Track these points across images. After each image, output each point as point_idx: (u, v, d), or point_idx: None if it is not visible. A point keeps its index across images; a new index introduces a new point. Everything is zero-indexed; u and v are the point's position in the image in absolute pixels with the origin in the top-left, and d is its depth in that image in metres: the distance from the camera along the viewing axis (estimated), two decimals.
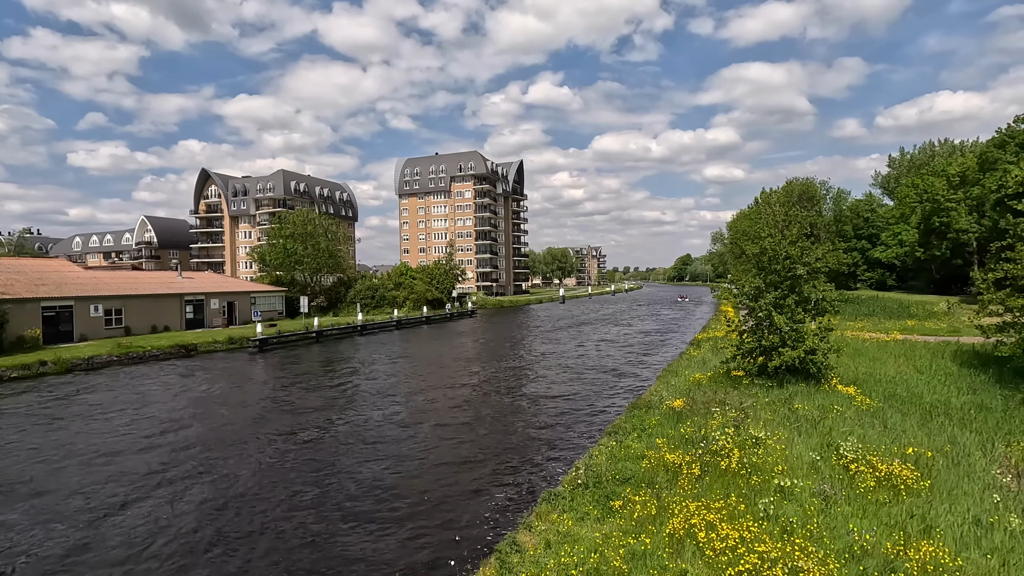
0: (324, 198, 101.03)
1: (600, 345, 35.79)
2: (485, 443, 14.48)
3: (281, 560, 8.45)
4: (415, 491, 11.17)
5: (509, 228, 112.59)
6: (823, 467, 9.10)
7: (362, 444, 14.60)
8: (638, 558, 6.64)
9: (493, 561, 7.07)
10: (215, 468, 12.75)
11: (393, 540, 9.08)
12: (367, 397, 20.83)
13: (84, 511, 10.36)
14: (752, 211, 53.56)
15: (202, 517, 10.05)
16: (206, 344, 35.22)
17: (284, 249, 58.32)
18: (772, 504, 7.68)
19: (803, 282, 15.79)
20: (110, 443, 14.85)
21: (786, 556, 6.10)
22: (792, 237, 16.12)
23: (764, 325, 15.60)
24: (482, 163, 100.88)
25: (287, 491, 11.29)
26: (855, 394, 13.82)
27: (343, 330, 45.22)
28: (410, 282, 65.59)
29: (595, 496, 8.75)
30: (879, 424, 11.49)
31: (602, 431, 13.89)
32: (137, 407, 19.26)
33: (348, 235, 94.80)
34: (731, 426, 11.15)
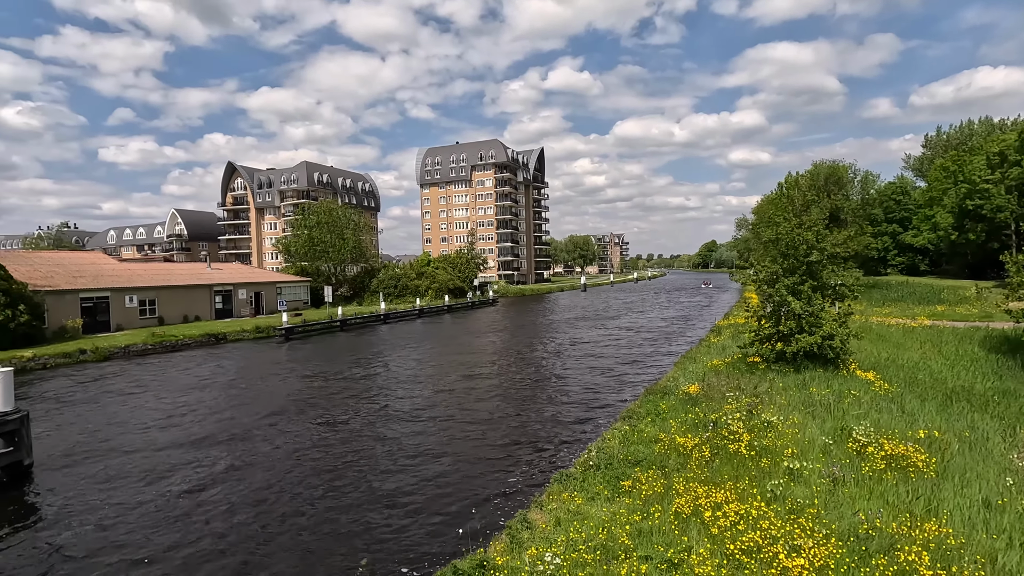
0: (347, 189, 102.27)
1: (620, 332, 35.80)
2: (503, 427, 14.80)
3: (308, 524, 8.89)
4: (434, 469, 11.55)
5: (530, 216, 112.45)
6: (835, 450, 9.14)
7: (385, 426, 15.06)
8: (644, 534, 6.84)
9: (504, 536, 7.36)
10: (251, 443, 13.34)
11: (410, 514, 9.46)
12: (390, 383, 21.35)
13: (145, 473, 11.00)
14: (776, 196, 52.50)
15: (241, 484, 10.59)
16: (235, 333, 36.34)
17: (309, 240, 59.47)
18: (780, 486, 7.78)
19: (820, 267, 15.62)
20: (157, 422, 15.60)
21: (787, 535, 6.24)
22: (809, 222, 15.91)
23: (781, 311, 15.51)
24: (502, 151, 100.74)
25: (313, 466, 11.78)
26: (874, 379, 13.71)
27: (366, 319, 46.06)
28: (432, 271, 66.28)
29: (606, 477, 8.96)
30: (896, 409, 11.42)
31: (617, 416, 14.06)
32: (174, 392, 20.11)
33: (371, 225, 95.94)
34: (744, 410, 11.22)
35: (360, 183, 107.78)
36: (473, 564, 6.20)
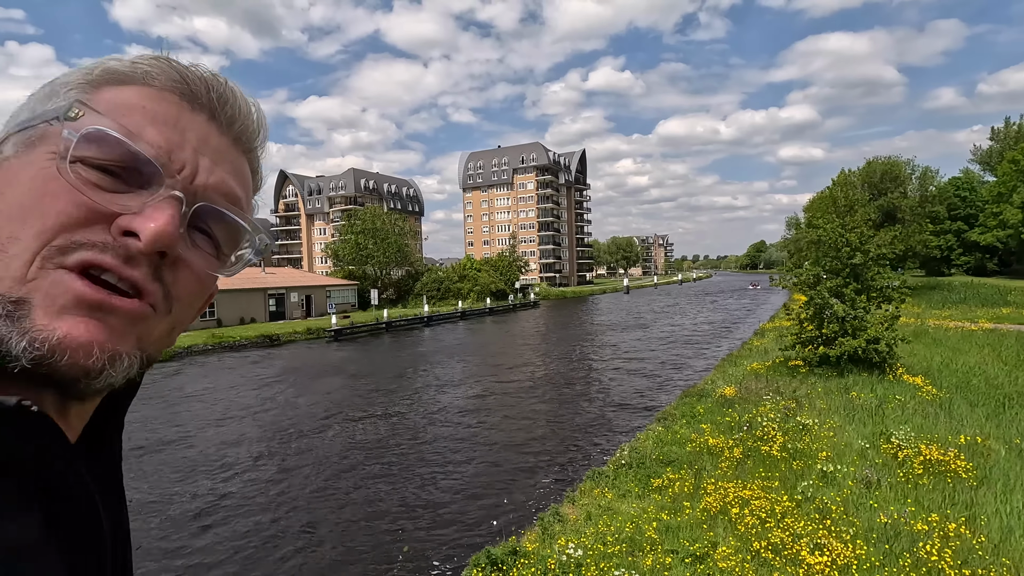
0: (392, 194, 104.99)
1: (662, 335, 35.53)
2: (541, 426, 15.19)
3: (355, 511, 9.57)
4: (473, 466, 12.07)
5: (572, 218, 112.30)
6: (871, 454, 9.08)
7: (428, 424, 15.72)
8: (671, 530, 7.10)
9: (536, 528, 7.76)
10: (305, 436, 14.26)
11: (449, 506, 10.00)
12: (432, 383, 22.09)
13: (221, 462, 12.03)
14: (828, 194, 50.66)
15: (295, 471, 11.44)
16: (287, 334, 38.14)
17: (356, 244, 61.54)
18: (811, 487, 7.86)
19: (865, 269, 15.25)
20: (217, 418, 16.83)
21: (812, 534, 6.37)
22: (852, 223, 15.55)
23: (824, 313, 15.24)
24: (544, 154, 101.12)
25: (361, 459, 12.53)
26: (921, 384, 13.33)
27: (410, 321, 47.33)
28: (474, 274, 67.29)
29: (637, 475, 9.21)
30: (942, 414, 11.14)
31: (653, 417, 14.21)
32: (232, 390, 21.49)
33: (415, 230, 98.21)
34: (780, 413, 11.21)
35: (404, 188, 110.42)
36: (506, 551, 6.63)
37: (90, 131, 0.43)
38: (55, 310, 0.40)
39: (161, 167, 0.45)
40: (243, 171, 0.54)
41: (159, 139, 0.46)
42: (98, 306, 0.42)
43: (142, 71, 0.48)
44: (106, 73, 0.48)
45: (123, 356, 0.43)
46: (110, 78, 0.48)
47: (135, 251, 0.43)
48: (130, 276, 0.43)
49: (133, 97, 0.47)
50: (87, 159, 0.43)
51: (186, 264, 0.47)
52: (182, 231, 0.46)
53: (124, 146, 0.43)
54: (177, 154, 0.46)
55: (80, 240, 0.41)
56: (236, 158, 0.53)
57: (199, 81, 0.50)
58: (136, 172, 0.45)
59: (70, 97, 0.45)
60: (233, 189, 0.51)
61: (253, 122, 0.55)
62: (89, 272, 0.42)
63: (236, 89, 0.53)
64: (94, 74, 0.48)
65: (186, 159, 0.47)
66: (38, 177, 0.42)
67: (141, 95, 0.47)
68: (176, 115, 0.48)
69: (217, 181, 0.49)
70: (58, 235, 0.41)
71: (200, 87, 0.50)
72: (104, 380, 0.43)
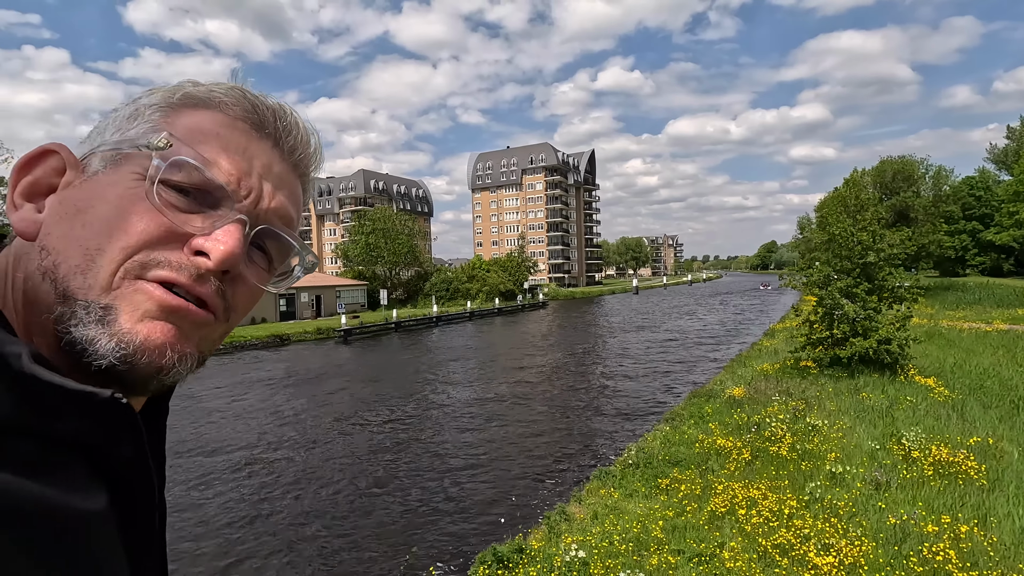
0: (401, 195, 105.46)
1: (670, 335, 35.39)
2: (548, 426, 15.20)
3: (363, 508, 9.64)
4: (480, 465, 12.11)
5: (581, 218, 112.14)
6: (881, 455, 9.01)
7: (436, 423, 15.79)
8: (678, 530, 7.09)
9: (543, 526, 7.78)
10: (315, 436, 14.39)
11: (456, 505, 10.04)
12: (441, 383, 22.17)
13: (226, 463, 12.18)
14: (839, 193, 50.18)
15: (304, 472, 11.55)
16: (298, 334, 38.43)
17: (366, 245, 61.89)
18: (819, 488, 7.81)
19: (876, 269, 15.11)
20: (234, 416, 17.02)
21: (820, 534, 6.34)
22: (864, 223, 15.41)
23: (834, 314, 15.12)
24: (553, 154, 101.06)
25: (369, 458, 12.62)
26: (934, 385, 13.19)
27: (420, 321, 47.51)
28: (483, 274, 67.42)
29: (644, 475, 9.21)
30: (955, 416, 11.02)
31: (661, 418, 14.18)
32: (242, 390, 21.71)
33: (424, 230, 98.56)
34: (789, 414, 11.14)
35: (414, 189, 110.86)
36: (512, 548, 6.66)
37: (175, 160, 0.48)
38: (138, 316, 0.46)
39: (231, 192, 0.51)
40: (298, 194, 0.59)
41: (230, 167, 0.51)
42: (174, 311, 0.47)
43: (218, 99, 0.53)
44: (186, 98, 0.53)
45: (188, 356, 0.49)
46: (189, 102, 0.53)
47: (204, 270, 0.48)
48: (199, 293, 0.49)
49: (208, 123, 0.52)
50: (168, 181, 0.48)
51: (244, 280, 0.53)
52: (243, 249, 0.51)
53: (201, 173, 0.49)
54: (245, 181, 0.52)
55: (158, 258, 0.47)
56: (293, 183, 0.58)
57: (267, 111, 0.55)
58: (208, 194, 0.50)
59: (153, 120, 0.51)
60: (290, 212, 0.57)
61: (311, 150, 0.60)
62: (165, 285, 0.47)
63: (299, 119, 0.58)
64: (175, 98, 0.52)
65: (252, 185, 0.52)
66: (125, 196, 0.47)
67: (216, 122, 0.52)
68: (245, 143, 0.53)
69: (277, 205, 0.55)
70: (140, 251, 0.46)
71: (268, 116, 0.55)
72: (173, 377, 0.49)
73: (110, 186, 0.48)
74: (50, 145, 0.51)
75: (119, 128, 0.51)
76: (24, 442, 0.39)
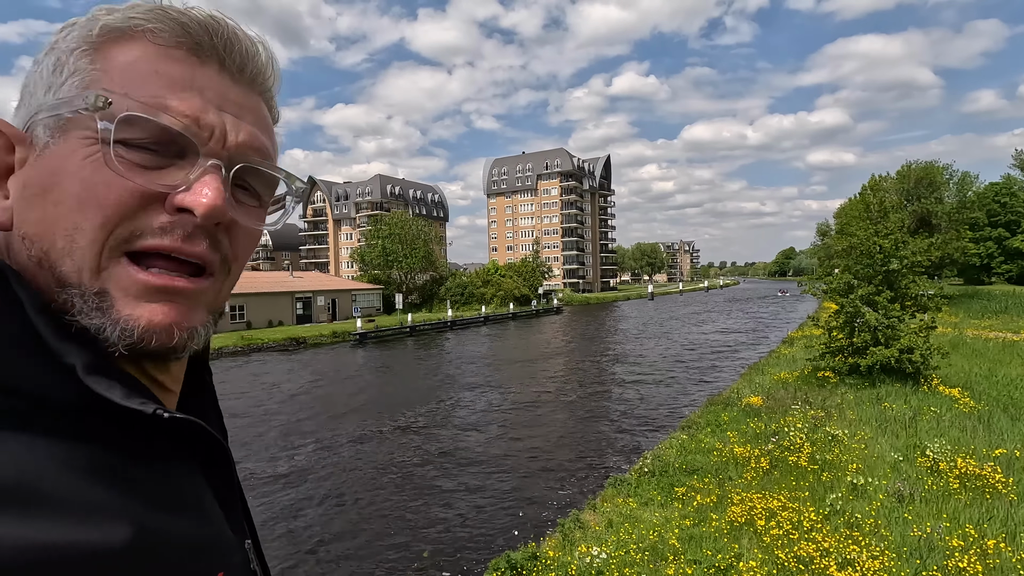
0: (417, 200, 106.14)
1: (687, 342, 35.05)
2: (562, 433, 15.12)
3: (376, 515, 9.66)
4: (493, 472, 12.07)
5: (596, 224, 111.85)
6: (904, 467, 8.80)
7: (450, 428, 15.79)
8: (695, 540, 6.98)
9: (557, 534, 7.72)
10: (329, 440, 14.49)
11: (468, 510, 10.01)
12: (455, 388, 22.19)
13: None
14: (861, 199, 49.38)
15: (317, 476, 11.62)
16: (314, 337, 38.80)
17: (382, 249, 62.37)
18: (840, 500, 7.66)
19: (899, 277, 14.80)
20: (248, 417, 17.22)
21: (840, 548, 6.20)
22: (886, 230, 15.12)
23: (855, 322, 14.84)
24: (568, 160, 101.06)
25: (382, 462, 12.66)
26: (959, 395, 12.87)
27: (434, 325, 47.69)
28: (498, 279, 67.51)
29: (660, 484, 9.10)
30: (981, 427, 10.73)
31: (677, 425, 14.02)
32: (261, 391, 21.95)
33: (439, 235, 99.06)
34: (808, 423, 10.95)
35: (429, 194, 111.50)
36: (526, 556, 6.61)
37: (122, 117, 0.43)
38: (132, 299, 0.44)
39: (193, 136, 0.46)
40: (264, 116, 0.54)
41: (183, 107, 0.46)
42: (165, 290, 0.45)
43: (141, 26, 0.46)
44: (106, 31, 0.46)
45: (197, 328, 0.48)
46: (111, 36, 0.46)
47: (192, 227, 0.46)
48: (193, 253, 0.46)
49: (140, 59, 0.46)
50: (125, 141, 0.44)
51: (237, 225, 0.50)
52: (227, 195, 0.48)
53: (154, 123, 0.44)
54: (204, 119, 0.47)
55: (141, 226, 0.44)
56: (255, 104, 0.53)
57: (200, 28, 0.48)
58: (170, 143, 0.46)
59: (81, 68, 0.46)
60: (262, 142, 0.52)
61: (262, 60, 0.53)
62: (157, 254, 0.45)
63: (238, 28, 0.51)
64: (94, 35, 0.46)
65: (213, 122, 0.47)
66: (86, 167, 0.44)
67: (148, 55, 0.46)
68: (189, 75, 0.47)
69: (246, 137, 0.50)
70: (120, 223, 0.44)
71: (203, 36, 0.48)
72: (188, 351, 0.49)
73: (66, 158, 0.44)
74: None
75: (49, 86, 0.46)
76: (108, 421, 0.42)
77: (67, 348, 0.42)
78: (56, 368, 0.41)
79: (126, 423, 0.43)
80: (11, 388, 0.39)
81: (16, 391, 0.39)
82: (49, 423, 0.39)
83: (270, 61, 0.54)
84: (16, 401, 0.39)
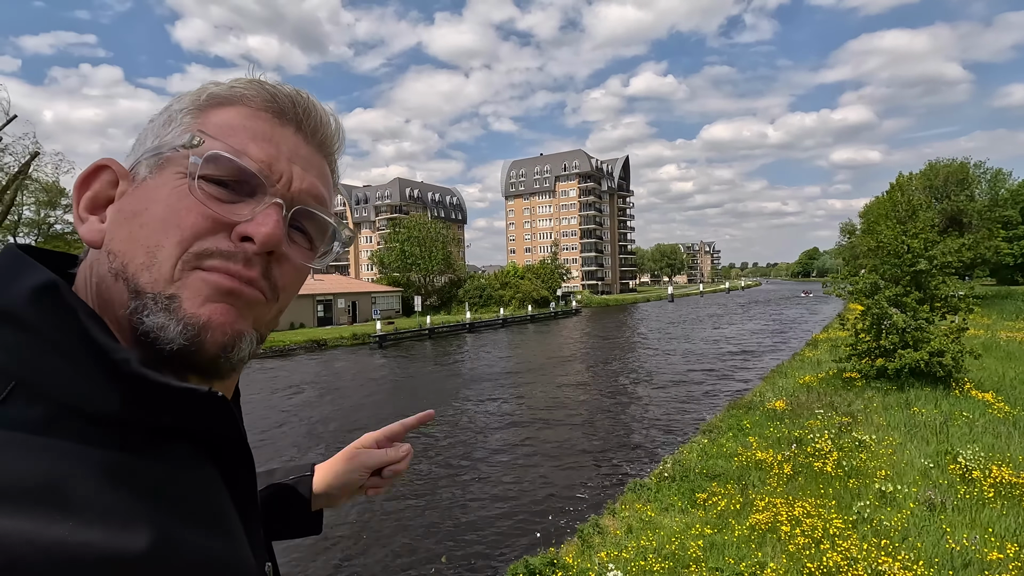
0: (435, 203, 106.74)
1: (708, 345, 34.58)
2: (582, 435, 15.01)
3: (395, 518, 9.69)
4: (512, 472, 12.04)
5: (615, 225, 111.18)
6: (935, 474, 8.52)
7: (470, 432, 15.79)
8: (717, 547, 6.84)
9: (576, 540, 7.64)
10: (350, 438, 14.58)
11: (488, 513, 9.98)
12: (473, 391, 22.20)
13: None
14: (886, 198, 48.22)
15: None
16: (334, 340, 39.21)
17: (401, 252, 62.83)
18: (868, 508, 7.44)
19: (928, 278, 14.36)
20: (270, 419, 17.47)
21: (870, 557, 6.01)
22: (915, 229, 14.69)
23: (882, 324, 14.45)
24: (586, 161, 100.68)
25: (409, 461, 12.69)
26: (992, 400, 12.44)
27: (453, 327, 47.84)
28: (516, 281, 67.49)
29: (680, 489, 8.95)
30: (1017, 433, 10.35)
31: (697, 429, 13.81)
32: (283, 394, 22.24)
33: (458, 237, 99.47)
34: (834, 428, 10.68)
35: (448, 197, 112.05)
36: (544, 561, 6.55)
37: (209, 155, 0.52)
38: (199, 300, 0.51)
39: (264, 178, 0.55)
40: (326, 174, 0.63)
41: (260, 154, 0.55)
42: (228, 293, 0.52)
43: (239, 93, 0.57)
44: (211, 98, 0.57)
45: (245, 334, 0.54)
46: (214, 102, 0.57)
47: (251, 253, 0.53)
48: (248, 276, 0.53)
49: (235, 118, 0.56)
50: (208, 176, 0.53)
51: (287, 259, 0.57)
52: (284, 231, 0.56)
53: (235, 163, 0.53)
54: (275, 166, 0.56)
55: (210, 248, 0.52)
56: (320, 163, 0.62)
57: (286, 98, 0.59)
58: (245, 183, 0.54)
59: (185, 123, 0.55)
60: (320, 191, 0.61)
61: (331, 129, 0.63)
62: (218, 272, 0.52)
63: (316, 102, 0.62)
64: (201, 99, 0.57)
65: (283, 170, 0.56)
66: (173, 195, 0.52)
67: (240, 115, 0.56)
68: (270, 131, 0.57)
69: (308, 186, 0.59)
70: (193, 243, 0.51)
71: (287, 103, 0.59)
72: (236, 355, 0.54)
73: (158, 188, 0.53)
74: (102, 161, 0.57)
75: (156, 135, 0.56)
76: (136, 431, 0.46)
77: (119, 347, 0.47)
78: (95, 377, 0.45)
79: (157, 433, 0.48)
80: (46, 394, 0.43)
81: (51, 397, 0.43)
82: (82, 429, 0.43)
83: (338, 130, 0.64)
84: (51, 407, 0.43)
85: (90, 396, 0.45)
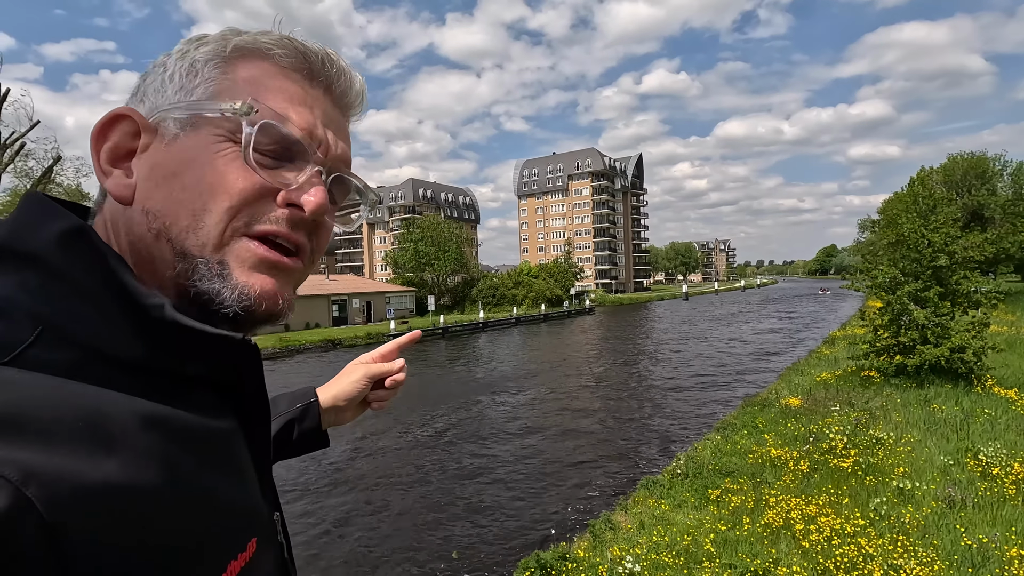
0: (448, 203, 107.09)
1: (724, 344, 34.27)
2: (595, 433, 14.97)
3: (409, 513, 9.76)
4: (525, 468, 12.06)
5: (628, 224, 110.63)
6: (955, 472, 8.36)
7: (483, 429, 15.84)
8: (730, 543, 6.79)
9: (588, 535, 7.64)
10: (363, 434, 14.74)
11: (497, 509, 10.00)
12: (487, 389, 22.26)
13: None
14: (906, 194, 47.34)
15: (353, 470, 11.83)
16: (349, 339, 39.56)
17: (415, 252, 63.17)
18: (885, 505, 7.33)
19: (950, 273, 14.07)
20: None
21: (886, 554, 5.92)
22: (936, 223, 14.40)
23: (902, 320, 14.20)
24: (599, 159, 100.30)
25: (417, 462, 12.78)
26: (1015, 397, 12.17)
27: (466, 327, 48.00)
28: (529, 281, 67.48)
29: (693, 486, 8.89)
30: None
31: (711, 426, 13.71)
32: None
33: (471, 237, 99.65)
34: (850, 425, 10.53)
35: (461, 197, 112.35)
36: (556, 556, 6.56)
37: (263, 124, 0.52)
38: (247, 269, 0.52)
39: (307, 146, 0.55)
40: (349, 137, 0.64)
41: (301, 121, 0.55)
42: (274, 265, 0.54)
43: (268, 48, 0.55)
44: (236, 50, 0.55)
45: (289, 300, 0.57)
46: (240, 54, 0.55)
47: (299, 220, 0.55)
48: (296, 240, 0.55)
49: (264, 76, 0.55)
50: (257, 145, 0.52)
51: (326, 225, 0.59)
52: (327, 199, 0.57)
53: (280, 132, 0.53)
54: (315, 132, 0.56)
55: (258, 214, 0.53)
56: (346, 127, 0.63)
57: (317, 58, 0.57)
58: (287, 150, 0.55)
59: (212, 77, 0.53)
60: (349, 155, 0.62)
61: (356, 91, 0.63)
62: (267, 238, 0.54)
63: (345, 63, 0.61)
64: (227, 51, 0.54)
65: (320, 136, 0.56)
66: (220, 159, 0.52)
67: (270, 73, 0.55)
68: (303, 94, 0.56)
69: (341, 152, 0.60)
70: (242, 209, 0.52)
71: (318, 64, 0.58)
72: (281, 320, 0.58)
73: (198, 150, 0.52)
74: (120, 109, 0.54)
75: (182, 87, 0.53)
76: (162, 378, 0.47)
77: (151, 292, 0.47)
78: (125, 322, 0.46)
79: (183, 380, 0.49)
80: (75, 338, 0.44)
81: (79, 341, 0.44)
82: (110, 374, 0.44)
83: (362, 93, 0.64)
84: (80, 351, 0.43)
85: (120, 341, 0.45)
